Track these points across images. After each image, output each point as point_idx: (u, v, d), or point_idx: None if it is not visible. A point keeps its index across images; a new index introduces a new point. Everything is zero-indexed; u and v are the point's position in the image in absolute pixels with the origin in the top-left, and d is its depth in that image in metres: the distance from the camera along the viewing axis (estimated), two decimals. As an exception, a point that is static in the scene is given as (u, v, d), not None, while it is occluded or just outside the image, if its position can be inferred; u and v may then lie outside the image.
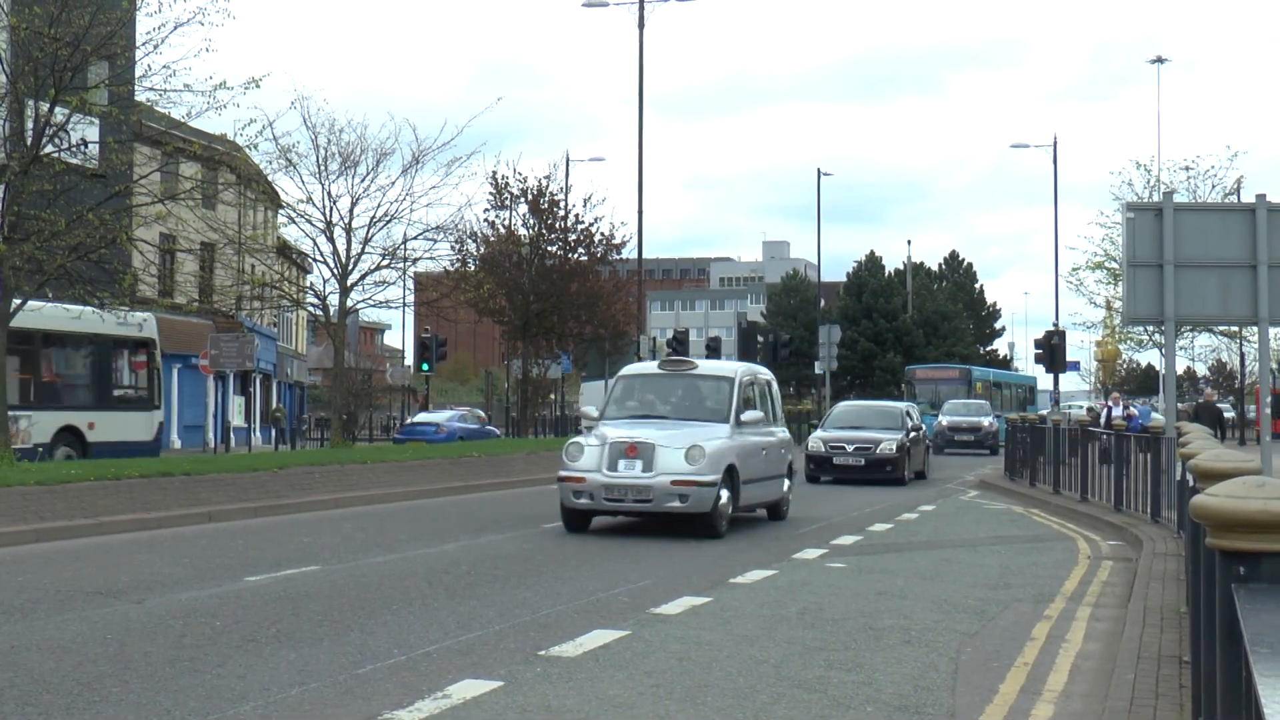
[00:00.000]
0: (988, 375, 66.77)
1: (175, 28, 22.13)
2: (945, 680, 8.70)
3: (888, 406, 35.14)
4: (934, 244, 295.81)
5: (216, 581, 12.32)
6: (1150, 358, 74.69)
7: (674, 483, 16.73)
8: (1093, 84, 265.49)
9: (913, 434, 31.25)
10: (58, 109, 21.79)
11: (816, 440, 30.66)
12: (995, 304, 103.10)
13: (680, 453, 16.84)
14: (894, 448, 29.48)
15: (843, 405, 36.27)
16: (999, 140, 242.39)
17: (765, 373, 21.03)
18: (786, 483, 20.25)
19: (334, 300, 32.06)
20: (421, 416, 51.24)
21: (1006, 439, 33.94)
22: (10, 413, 22.45)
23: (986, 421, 49.12)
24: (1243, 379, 61.20)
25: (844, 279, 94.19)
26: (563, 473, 17.30)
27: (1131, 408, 34.78)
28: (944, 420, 49.67)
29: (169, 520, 17.84)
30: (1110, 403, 34.70)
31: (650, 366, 20.57)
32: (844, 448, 29.82)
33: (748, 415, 18.32)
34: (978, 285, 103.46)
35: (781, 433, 20.74)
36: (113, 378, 30.35)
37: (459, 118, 78.22)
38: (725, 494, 17.19)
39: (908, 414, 32.92)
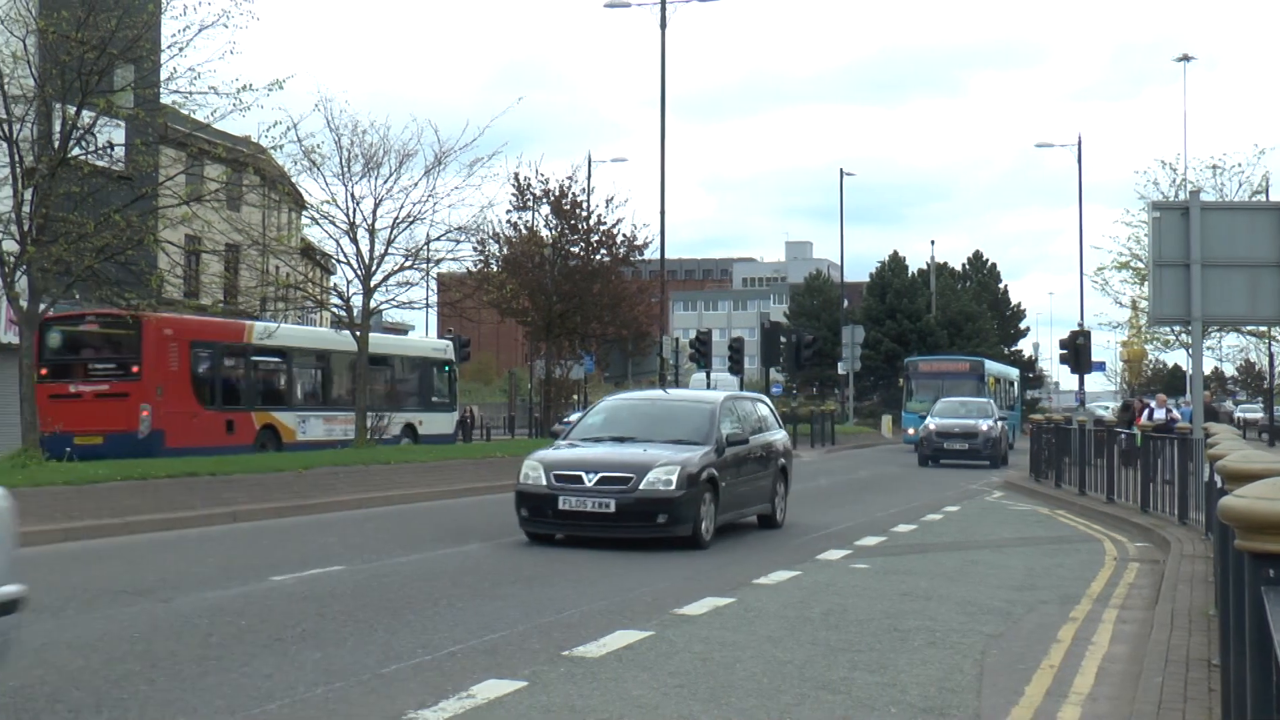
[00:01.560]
0: (1007, 373, 62.66)
1: (200, 30, 22.25)
2: (970, 682, 8.68)
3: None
4: (956, 245, 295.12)
5: (242, 581, 12.37)
6: (1177, 358, 74.46)
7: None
8: (1114, 83, 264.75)
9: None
10: (85, 112, 21.90)
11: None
12: (1019, 304, 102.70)
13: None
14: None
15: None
16: (1020, 140, 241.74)
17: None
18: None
19: (357, 301, 32.12)
20: None
21: (1032, 441, 33.00)
22: (379, 413, 33.00)
23: (985, 425, 40.21)
24: (1271, 379, 60.83)
25: (867, 279, 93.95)
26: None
27: (1174, 410, 32.18)
28: (932, 424, 40.58)
29: (195, 520, 17.90)
30: (1154, 404, 32.66)
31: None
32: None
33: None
34: (1001, 285, 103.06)
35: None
36: (433, 387, 39.88)
37: (480, 119, 78.26)
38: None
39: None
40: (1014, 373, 65.49)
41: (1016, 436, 52.65)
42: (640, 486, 15.33)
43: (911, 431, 47.26)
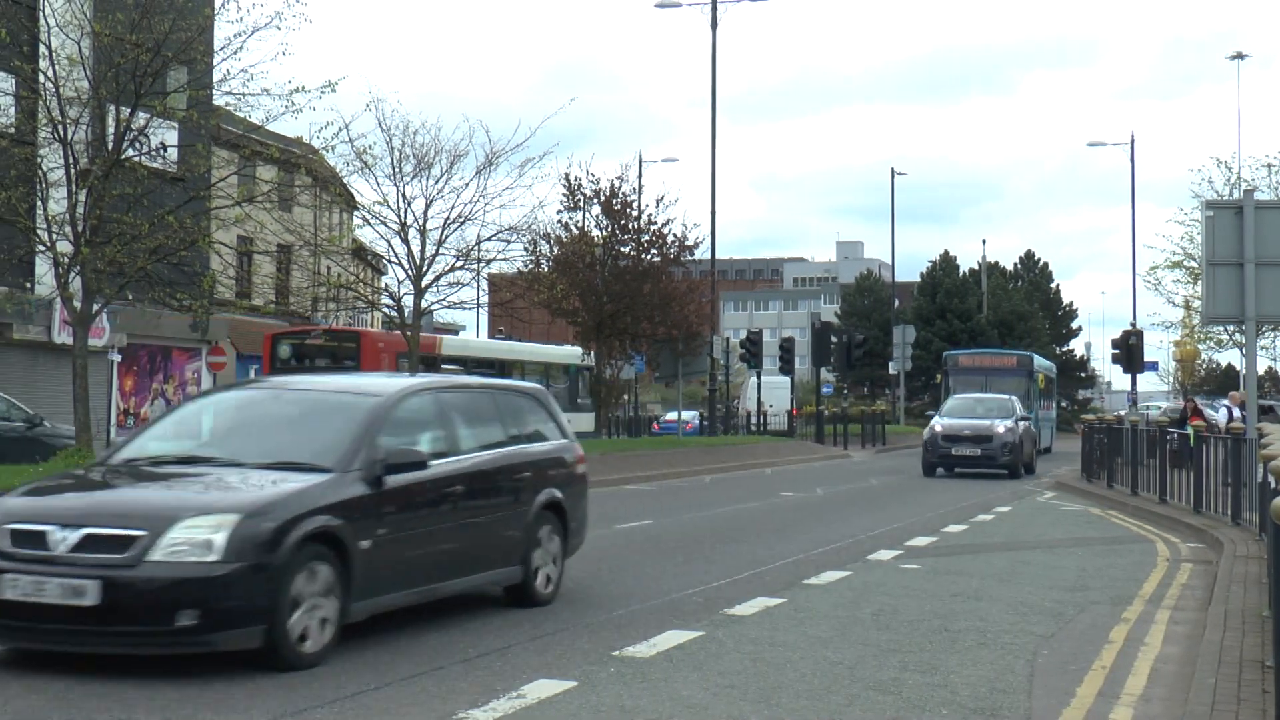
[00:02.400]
0: (1047, 368, 55.90)
1: (253, 32, 22.34)
2: (1021, 683, 8.64)
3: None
4: (1008, 244, 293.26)
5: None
6: (1230, 358, 73.61)
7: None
8: (1167, 81, 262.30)
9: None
10: (139, 114, 22.08)
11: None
12: (1071, 304, 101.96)
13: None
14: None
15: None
16: (1072, 139, 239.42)
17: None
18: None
19: (409, 301, 32.25)
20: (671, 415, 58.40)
21: (1083, 441, 32.10)
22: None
23: (1003, 427, 34.20)
24: (1326, 379, 60.10)
25: (918, 279, 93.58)
26: None
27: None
28: (939, 424, 35.00)
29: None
30: (1229, 403, 30.94)
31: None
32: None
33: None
34: (1053, 285, 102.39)
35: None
36: (578, 389, 45.92)
37: (531, 119, 78.34)
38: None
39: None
40: (1052, 368, 60.80)
41: (1053, 438, 51.01)
42: (148, 556, 8.27)
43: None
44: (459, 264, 32.56)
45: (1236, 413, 29.15)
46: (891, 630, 10.40)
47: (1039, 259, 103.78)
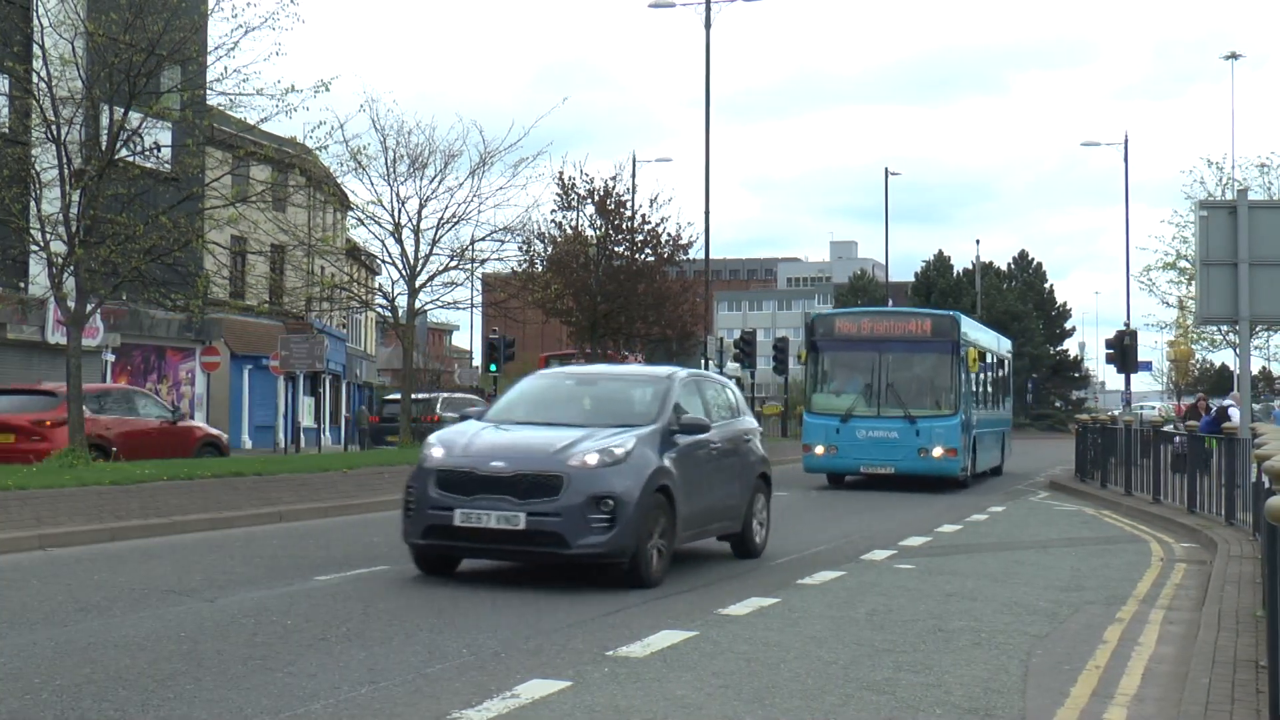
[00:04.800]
0: (996, 345, 35.79)
1: (246, 33, 22.32)
2: (1016, 683, 8.63)
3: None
4: (1001, 244, 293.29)
5: (287, 580, 12.43)
6: (1225, 358, 73.72)
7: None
8: (1160, 82, 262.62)
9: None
10: (132, 114, 22.05)
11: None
12: (1065, 304, 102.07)
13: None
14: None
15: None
16: (1065, 140, 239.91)
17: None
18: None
19: (403, 301, 32.28)
20: None
21: (1078, 441, 31.57)
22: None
23: (598, 455, 12.32)
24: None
25: (912, 279, 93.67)
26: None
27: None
28: (438, 449, 12.92)
29: (241, 520, 18.01)
30: (1230, 401, 30.61)
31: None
32: None
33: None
34: (1047, 285, 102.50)
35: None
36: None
37: (524, 119, 78.69)
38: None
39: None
40: (1005, 346, 39.32)
41: (1007, 450, 36.29)
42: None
43: (820, 451, 28.21)
44: (453, 264, 32.64)
45: (1236, 413, 29.13)
46: (886, 630, 10.39)
47: (1033, 259, 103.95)
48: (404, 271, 31.67)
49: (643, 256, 45.24)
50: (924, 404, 28.07)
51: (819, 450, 28.12)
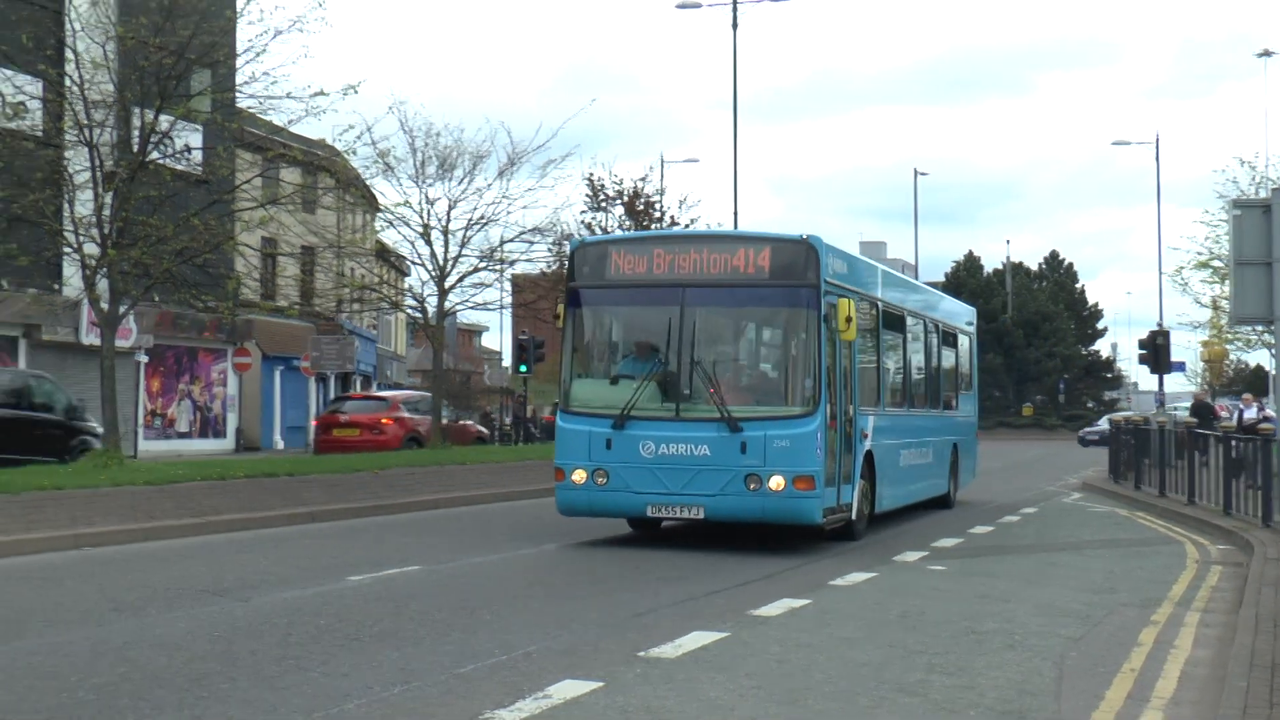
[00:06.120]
0: (945, 313, 24.94)
1: (275, 35, 22.43)
2: (1050, 685, 8.58)
3: None
4: (1030, 244, 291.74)
5: (320, 581, 12.46)
6: (1260, 358, 73.17)
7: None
8: (1188, 80, 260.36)
9: None
10: (162, 116, 22.16)
11: None
12: (1097, 304, 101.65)
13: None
14: None
15: None
16: (1093, 139, 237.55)
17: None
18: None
19: (432, 302, 32.31)
20: None
21: (1110, 442, 31.11)
22: None
23: None
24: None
25: (941, 280, 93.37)
26: None
27: (1268, 408, 29.26)
28: None
29: (273, 520, 18.08)
30: (1243, 404, 31.02)
31: None
32: None
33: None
34: (1078, 285, 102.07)
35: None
36: None
37: (551, 121, 78.77)
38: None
39: None
40: (963, 314, 27.34)
41: (966, 467, 25.25)
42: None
43: (579, 478, 15.91)
44: (482, 265, 32.64)
45: (1250, 412, 28.98)
46: (918, 632, 10.35)
47: (1063, 259, 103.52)
48: (433, 273, 31.72)
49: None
50: (757, 395, 16.38)
51: (577, 477, 15.82)
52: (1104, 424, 66.00)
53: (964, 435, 25.34)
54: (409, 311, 37.97)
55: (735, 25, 42.75)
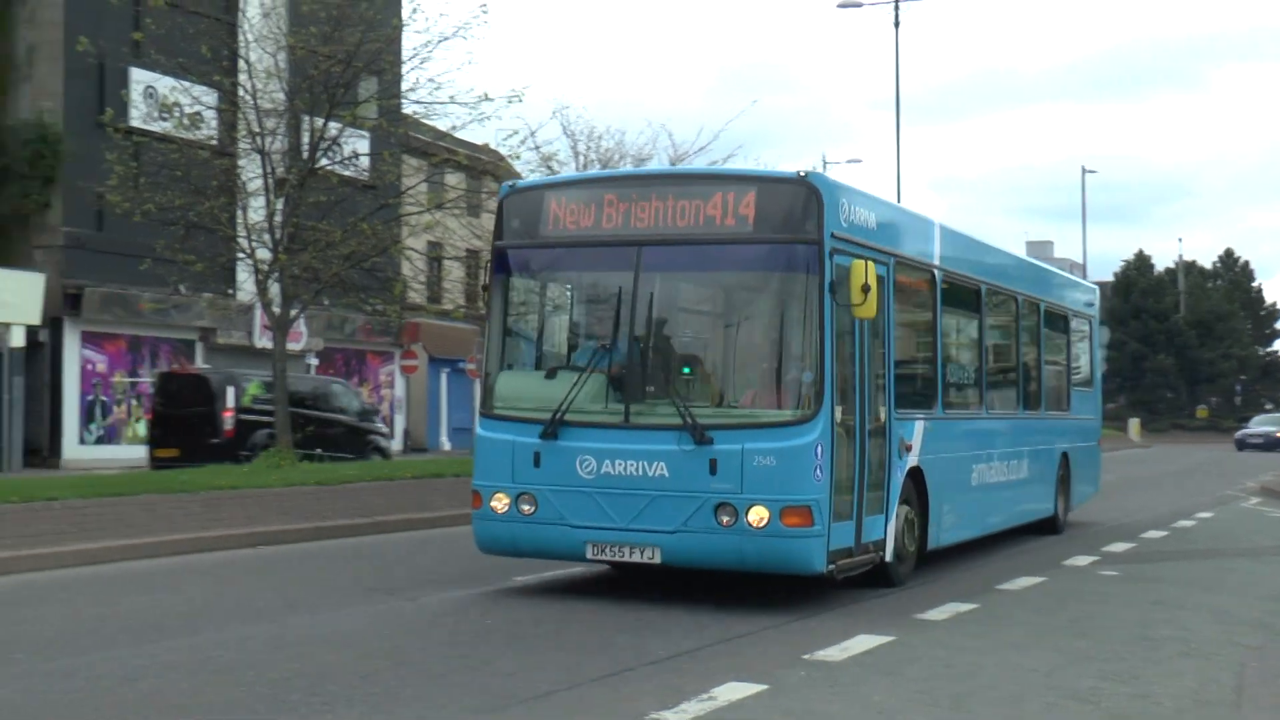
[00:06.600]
0: (1059, 294, 19.75)
1: (440, 42, 22.81)
2: (1228, 695, 8.32)
3: None
4: (1202, 242, 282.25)
5: (486, 581, 12.60)
6: None
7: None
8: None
9: None
10: (331, 123, 22.66)
11: None
12: (1275, 304, 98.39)
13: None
14: None
15: None
16: (1271, 134, 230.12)
17: None
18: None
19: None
20: None
21: None
22: None
23: None
24: None
25: (1111, 279, 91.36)
26: None
27: None
28: None
29: (441, 520, 18.35)
30: None
31: None
32: None
33: None
34: (1255, 284, 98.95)
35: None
36: None
37: (710, 123, 78.44)
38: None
39: None
40: (1079, 294, 21.35)
41: (1084, 477, 20.28)
42: None
43: (500, 505, 11.82)
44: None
45: None
46: (1088, 638, 10.11)
47: (1239, 257, 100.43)
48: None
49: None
50: (734, 394, 12.04)
51: (497, 503, 11.86)
52: (1262, 426, 63.58)
53: (1078, 442, 19.86)
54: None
55: (897, 24, 42.37)
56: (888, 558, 12.37)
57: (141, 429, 32.70)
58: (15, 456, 29.24)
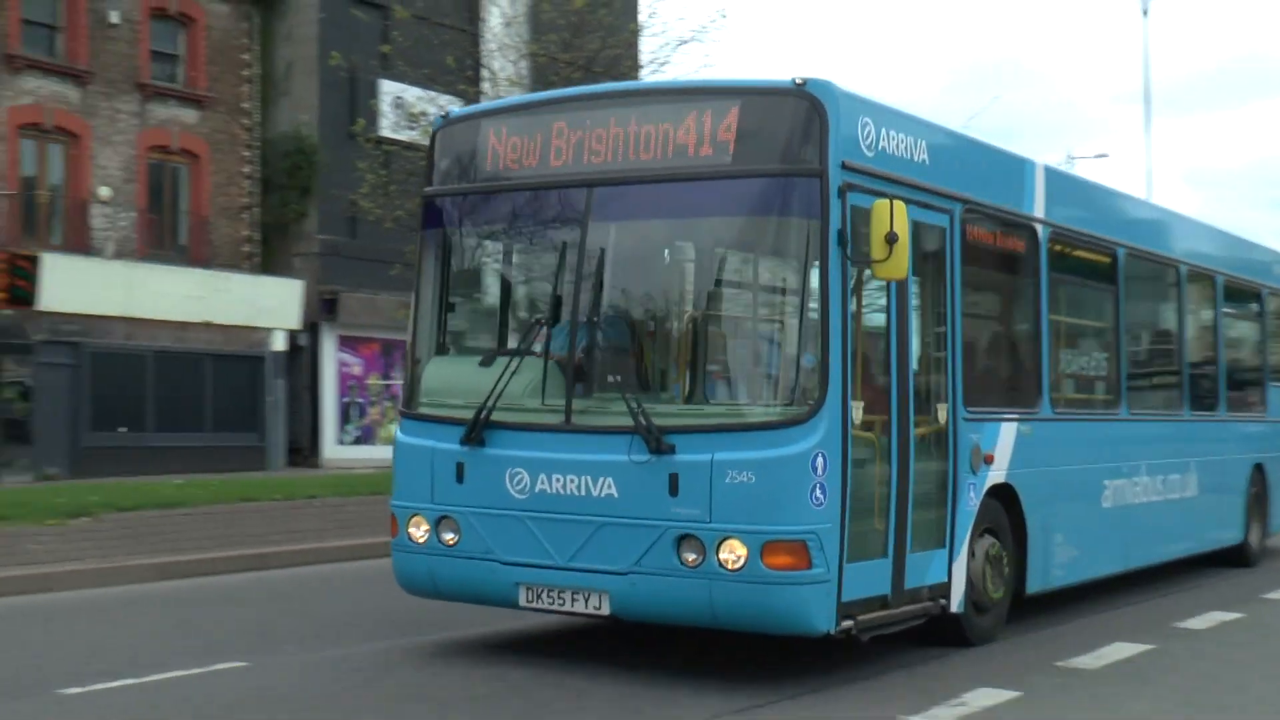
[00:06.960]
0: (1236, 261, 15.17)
1: (678, 46, 22.91)
2: None
3: None
4: None
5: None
6: None
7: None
8: None
9: None
10: (573, 129, 22.99)
11: None
12: None
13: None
14: None
15: None
16: None
17: None
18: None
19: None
20: None
21: None
22: None
23: None
24: None
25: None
26: None
27: None
28: None
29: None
30: None
31: None
32: None
33: None
34: None
35: None
36: None
37: (952, 119, 77.00)
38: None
39: None
40: (1266, 263, 16.14)
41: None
42: None
43: (419, 535, 8.97)
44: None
45: None
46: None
47: None
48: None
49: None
50: (705, 385, 8.65)
51: (415, 530, 8.96)
52: None
53: (1275, 450, 15.66)
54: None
55: (1145, 13, 41.07)
56: (954, 607, 9.11)
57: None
58: (279, 456, 30.49)
